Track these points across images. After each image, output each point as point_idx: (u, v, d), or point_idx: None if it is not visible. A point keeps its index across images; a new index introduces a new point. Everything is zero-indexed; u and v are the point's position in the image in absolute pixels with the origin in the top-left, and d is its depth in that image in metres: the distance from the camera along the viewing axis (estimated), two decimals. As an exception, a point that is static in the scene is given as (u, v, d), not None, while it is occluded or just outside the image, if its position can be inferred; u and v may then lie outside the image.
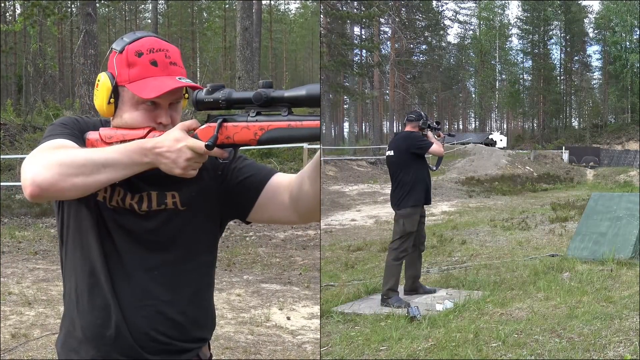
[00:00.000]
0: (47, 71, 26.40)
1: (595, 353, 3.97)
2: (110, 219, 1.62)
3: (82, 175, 1.43)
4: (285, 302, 6.50)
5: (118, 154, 1.47)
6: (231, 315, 6.01)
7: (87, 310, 1.64)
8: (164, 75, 1.59)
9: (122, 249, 1.63)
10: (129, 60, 1.59)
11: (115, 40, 1.65)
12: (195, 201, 1.68)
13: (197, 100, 1.55)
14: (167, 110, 1.62)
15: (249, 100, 1.51)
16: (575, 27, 57.86)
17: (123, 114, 1.61)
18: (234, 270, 8.00)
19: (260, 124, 1.50)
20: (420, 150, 5.59)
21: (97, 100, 1.62)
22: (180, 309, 1.67)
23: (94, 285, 1.62)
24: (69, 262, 1.68)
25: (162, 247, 1.66)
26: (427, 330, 4.62)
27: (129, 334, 1.62)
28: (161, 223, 1.65)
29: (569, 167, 30.07)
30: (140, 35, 1.63)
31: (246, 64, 21.37)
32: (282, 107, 1.50)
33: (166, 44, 1.63)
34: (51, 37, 38.62)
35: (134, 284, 1.63)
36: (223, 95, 1.53)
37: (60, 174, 1.42)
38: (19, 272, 7.76)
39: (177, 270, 1.67)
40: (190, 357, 1.71)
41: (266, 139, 1.50)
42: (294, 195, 1.64)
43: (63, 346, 1.70)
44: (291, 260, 8.73)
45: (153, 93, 1.55)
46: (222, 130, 1.52)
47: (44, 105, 24.61)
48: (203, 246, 1.74)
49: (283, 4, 65.04)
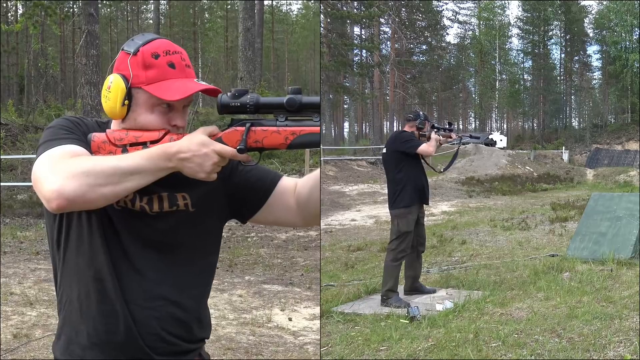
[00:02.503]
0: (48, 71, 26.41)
1: (595, 353, 3.97)
2: (118, 221, 1.61)
3: (110, 184, 1.42)
4: (287, 303, 6.50)
5: (144, 160, 1.46)
6: (233, 316, 6.02)
7: (93, 315, 1.62)
8: (182, 77, 1.59)
9: (131, 251, 1.62)
10: (145, 61, 1.58)
11: (126, 42, 1.64)
12: (205, 202, 1.68)
13: (223, 104, 1.56)
14: (181, 112, 1.62)
15: (279, 106, 1.54)
16: (575, 27, 57.84)
17: (137, 116, 1.60)
18: (236, 271, 8.00)
19: (292, 129, 1.54)
20: (408, 149, 5.52)
21: (109, 102, 1.59)
22: (188, 309, 1.68)
23: (100, 291, 1.61)
24: (68, 268, 1.65)
25: (172, 248, 1.66)
26: (427, 330, 4.62)
27: (139, 335, 1.61)
28: (172, 224, 1.65)
29: (569, 167, 30.05)
30: (152, 37, 1.63)
31: (248, 65, 21.38)
32: (314, 114, 1.54)
33: (178, 46, 1.64)
34: (53, 37, 38.61)
35: (144, 285, 1.62)
36: (251, 100, 1.54)
37: (89, 185, 1.40)
38: (20, 272, 7.77)
39: (186, 270, 1.68)
40: (192, 357, 1.73)
41: (297, 143, 1.54)
42: (301, 200, 1.68)
43: (64, 353, 1.68)
44: (293, 261, 8.73)
45: (177, 95, 1.55)
46: (251, 135, 1.54)
47: (46, 105, 24.61)
48: (211, 247, 1.76)
49: (285, 5, 65.09)
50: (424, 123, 5.68)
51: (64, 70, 43.66)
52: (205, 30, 47.10)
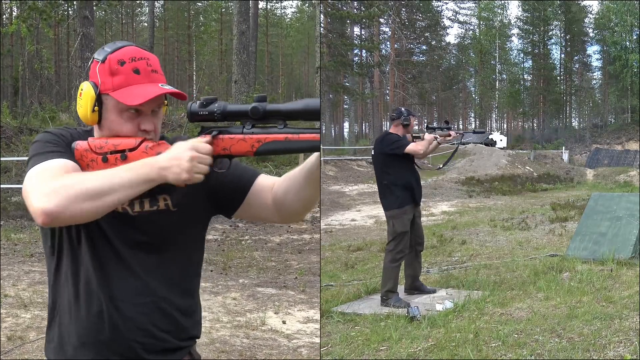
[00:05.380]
0: (43, 74, 26.41)
1: (595, 353, 3.97)
2: (104, 224, 1.65)
3: (91, 200, 1.46)
4: (280, 306, 6.48)
5: (126, 175, 1.50)
6: (227, 318, 6.00)
7: (83, 317, 1.68)
8: (147, 82, 1.64)
9: (120, 251, 1.67)
10: (111, 68, 1.63)
11: (97, 50, 1.70)
12: (185, 202, 1.73)
13: (192, 112, 1.62)
14: (150, 116, 1.67)
15: (245, 114, 1.59)
16: (575, 27, 57.91)
17: (108, 123, 1.65)
18: (230, 274, 7.98)
19: (257, 136, 1.59)
20: (396, 151, 5.45)
21: (81, 109, 1.65)
22: (176, 304, 1.73)
23: (87, 292, 1.67)
24: (60, 272, 1.72)
25: (157, 246, 1.71)
26: (427, 330, 4.62)
27: (128, 332, 1.66)
28: (153, 224, 1.70)
29: (569, 167, 30.07)
30: (121, 45, 1.68)
31: (242, 68, 21.42)
32: (279, 121, 1.59)
33: (147, 52, 1.69)
34: (47, 40, 38.57)
35: (133, 284, 1.67)
36: (218, 108, 1.60)
37: (70, 201, 1.44)
38: (14, 275, 7.71)
39: (173, 267, 1.74)
40: (182, 355, 1.77)
41: (263, 150, 1.59)
42: (277, 199, 1.74)
43: (58, 353, 1.74)
44: (287, 264, 8.72)
45: (138, 100, 1.60)
46: (219, 142, 1.60)
47: (41, 107, 24.60)
48: (193, 243, 1.81)
49: (279, 9, 65.10)
50: (408, 119, 5.62)
51: (59, 73, 43.61)
52: (199, 33, 46.96)
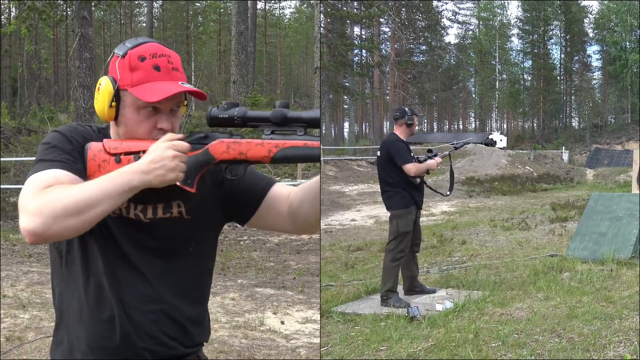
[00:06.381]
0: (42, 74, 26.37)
1: (595, 353, 3.97)
2: (116, 229, 1.62)
3: (74, 216, 1.43)
4: (279, 307, 6.48)
5: (107, 186, 1.47)
6: (225, 319, 6.00)
7: (92, 321, 1.64)
8: (167, 80, 1.61)
9: (131, 257, 1.63)
10: (131, 64, 1.60)
11: (118, 45, 1.66)
12: (199, 209, 1.70)
13: (211, 116, 1.59)
14: (168, 115, 1.63)
15: (265, 119, 1.57)
16: (575, 27, 57.85)
17: (125, 119, 1.62)
18: (228, 274, 7.98)
19: (275, 142, 1.56)
20: (397, 161, 5.44)
21: (98, 103, 1.62)
22: (187, 314, 1.70)
23: (98, 297, 1.63)
24: (69, 276, 1.67)
25: (169, 253, 1.67)
26: (427, 330, 4.62)
27: (138, 339, 1.62)
28: (168, 231, 1.66)
29: (569, 167, 30.05)
30: (143, 41, 1.64)
31: (241, 68, 21.43)
32: (299, 127, 1.56)
33: (168, 50, 1.65)
34: (46, 40, 38.51)
35: (144, 290, 1.64)
36: (238, 113, 1.57)
37: (54, 219, 1.41)
38: (13, 275, 7.70)
39: (184, 275, 1.70)
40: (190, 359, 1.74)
41: (281, 156, 1.56)
42: (293, 209, 1.71)
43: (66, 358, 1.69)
44: (285, 264, 8.73)
45: (156, 97, 1.56)
46: (236, 146, 1.58)
47: (39, 108, 24.62)
48: (207, 252, 1.78)
49: (278, 9, 65.09)
50: (412, 119, 5.61)
51: (57, 73, 43.60)
52: (198, 33, 46.94)
